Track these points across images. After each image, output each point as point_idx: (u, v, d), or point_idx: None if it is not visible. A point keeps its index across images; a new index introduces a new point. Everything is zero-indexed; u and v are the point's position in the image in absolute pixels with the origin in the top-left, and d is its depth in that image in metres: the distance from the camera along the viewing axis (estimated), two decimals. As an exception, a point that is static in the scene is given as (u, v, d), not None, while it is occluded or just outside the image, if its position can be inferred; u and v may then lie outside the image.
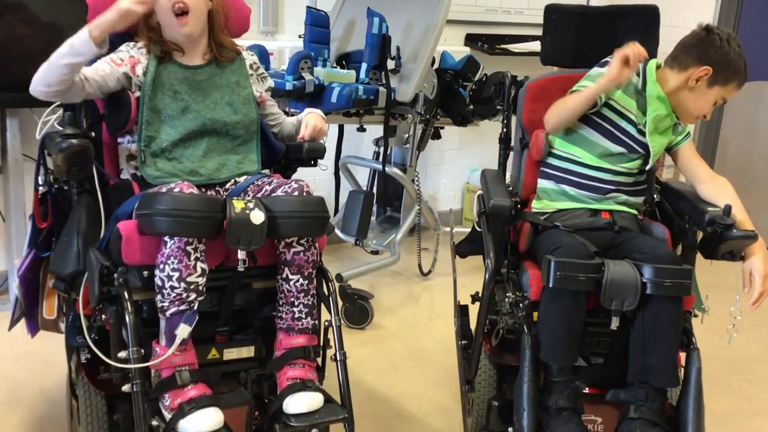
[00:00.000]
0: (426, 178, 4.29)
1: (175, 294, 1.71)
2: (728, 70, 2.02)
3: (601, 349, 1.96)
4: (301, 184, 1.87)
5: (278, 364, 1.87)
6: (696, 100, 2.07)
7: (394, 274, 3.65)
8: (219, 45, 2.02)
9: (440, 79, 3.30)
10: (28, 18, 2.72)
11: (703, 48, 2.02)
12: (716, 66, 2.01)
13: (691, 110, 2.09)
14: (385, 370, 2.74)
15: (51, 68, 1.76)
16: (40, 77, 1.78)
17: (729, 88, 2.05)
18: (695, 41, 2.04)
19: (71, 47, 1.76)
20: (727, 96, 2.08)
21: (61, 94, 1.81)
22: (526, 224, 2.09)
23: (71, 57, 1.75)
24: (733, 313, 1.93)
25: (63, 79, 1.77)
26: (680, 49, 2.08)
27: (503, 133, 2.40)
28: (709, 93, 2.05)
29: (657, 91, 2.07)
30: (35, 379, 2.54)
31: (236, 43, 2.09)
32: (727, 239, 1.90)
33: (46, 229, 2.00)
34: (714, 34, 2.02)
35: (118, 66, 1.91)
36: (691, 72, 2.03)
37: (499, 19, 4.30)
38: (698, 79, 2.03)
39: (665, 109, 2.07)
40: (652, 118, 2.06)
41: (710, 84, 2.04)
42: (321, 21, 3.14)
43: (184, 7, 1.90)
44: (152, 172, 1.91)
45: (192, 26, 1.93)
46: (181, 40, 1.95)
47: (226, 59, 2.03)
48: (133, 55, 1.94)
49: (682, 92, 2.07)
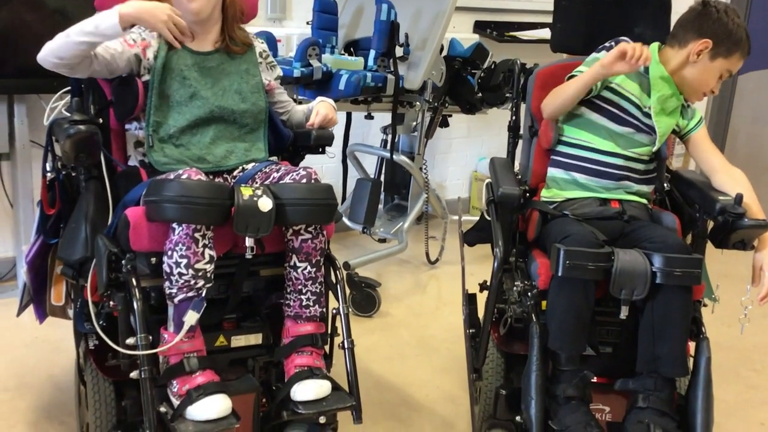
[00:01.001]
0: (434, 166, 4.28)
1: (183, 280, 1.70)
2: (729, 40, 2.00)
3: (610, 339, 1.95)
4: (309, 171, 1.86)
5: (286, 351, 1.87)
6: (700, 75, 2.05)
7: (402, 262, 3.65)
8: (231, 37, 2.01)
9: (449, 67, 3.28)
10: (35, 4, 2.71)
11: (701, 21, 2.01)
12: (716, 38, 1.99)
13: (697, 86, 2.07)
14: (392, 358, 2.74)
15: (68, 42, 1.75)
16: (53, 49, 1.77)
17: (732, 59, 2.03)
18: (692, 16, 2.04)
19: (96, 27, 1.74)
20: (731, 68, 2.06)
21: (69, 68, 1.80)
22: (535, 213, 2.08)
23: (93, 36, 1.75)
24: (744, 303, 1.92)
25: (78, 54, 1.77)
26: (678, 26, 2.07)
27: (512, 121, 2.39)
28: (712, 66, 2.03)
29: (660, 71, 2.05)
30: (43, 365, 2.55)
31: (248, 34, 2.07)
32: (738, 228, 1.88)
33: (54, 215, 2.00)
34: (710, 7, 2.01)
35: (130, 47, 1.89)
36: (691, 47, 2.02)
37: (508, 6, 4.28)
38: (699, 53, 2.01)
39: (669, 89, 2.05)
40: (656, 98, 2.04)
41: (712, 57, 2.02)
42: (329, 7, 3.12)
43: None
44: (160, 158, 1.90)
45: (201, 3, 1.90)
46: (190, 19, 1.93)
47: (238, 51, 2.02)
48: (145, 37, 1.93)
49: (685, 69, 2.05)
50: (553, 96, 2.10)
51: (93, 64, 1.82)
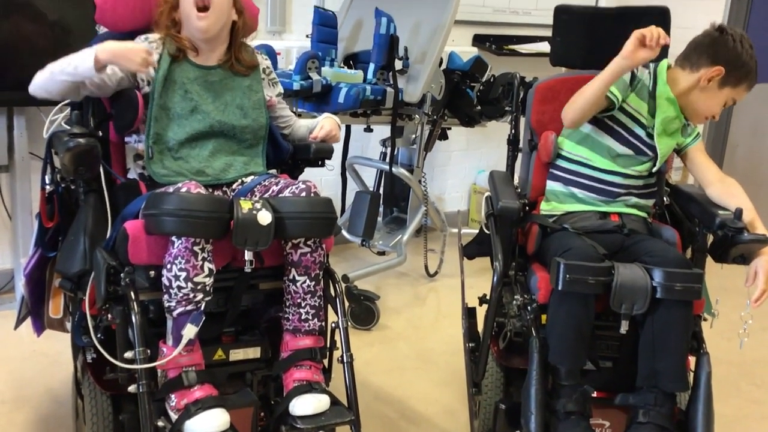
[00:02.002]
0: (433, 178, 4.28)
1: (182, 294, 1.70)
2: (740, 71, 2.00)
3: (610, 353, 1.94)
4: (309, 185, 1.86)
5: (284, 365, 1.86)
6: (706, 101, 2.05)
7: (401, 275, 3.64)
8: (237, 59, 2.01)
9: (448, 80, 3.28)
10: (36, 16, 2.71)
11: (716, 48, 2.00)
12: (728, 66, 1.99)
13: (701, 110, 2.08)
14: (391, 371, 2.73)
15: (52, 79, 1.83)
16: (40, 84, 1.85)
17: (740, 89, 2.03)
18: (708, 41, 2.03)
19: (75, 68, 1.80)
20: (737, 97, 2.06)
21: (60, 97, 1.89)
22: (534, 226, 2.08)
23: (73, 77, 1.81)
24: (744, 317, 1.91)
25: (63, 89, 1.85)
26: (692, 48, 2.06)
27: (512, 135, 2.39)
28: (719, 93, 2.04)
29: (666, 92, 2.05)
30: (41, 378, 2.54)
31: (254, 53, 2.08)
32: (738, 243, 1.88)
33: (53, 228, 1.99)
34: (727, 35, 2.00)
35: None
36: (703, 72, 2.02)
37: (507, 19, 4.29)
38: (710, 80, 2.01)
39: (674, 111, 2.06)
40: (660, 120, 2.05)
41: (721, 84, 2.02)
42: (329, 21, 3.13)
43: (207, 1, 1.89)
44: (159, 170, 1.90)
45: (210, 22, 1.91)
46: (197, 36, 1.93)
47: (242, 72, 2.02)
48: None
49: (693, 92, 2.05)
50: (572, 101, 2.05)
51: (81, 92, 1.87)
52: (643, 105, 2.07)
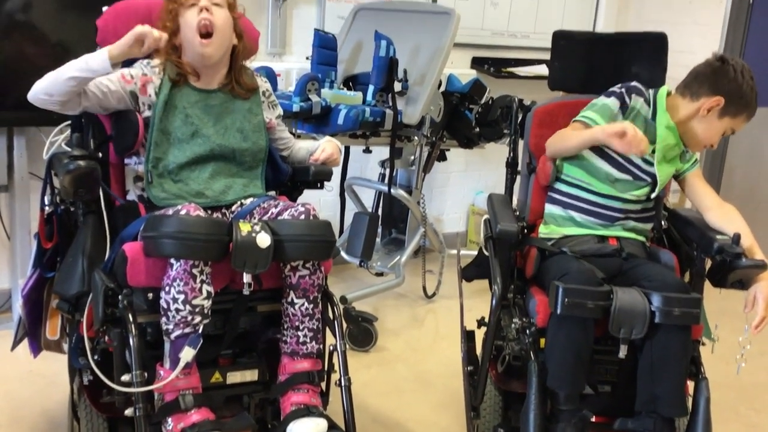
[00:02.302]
0: (431, 199, 4.28)
1: (180, 316, 1.70)
2: (740, 102, 2.01)
3: (609, 377, 1.94)
4: (308, 207, 1.86)
5: (282, 388, 1.86)
6: (705, 130, 2.06)
7: (399, 296, 3.63)
8: (238, 82, 2.02)
9: (446, 102, 3.30)
10: (37, 37, 2.72)
11: (716, 78, 2.01)
12: (728, 97, 2.00)
13: (700, 139, 2.09)
14: (389, 393, 2.72)
15: (58, 79, 1.78)
16: (43, 86, 1.80)
17: (739, 119, 2.04)
18: (709, 71, 2.03)
19: (86, 63, 1.78)
20: (736, 127, 2.07)
21: (59, 104, 1.82)
22: (533, 249, 2.08)
23: (83, 72, 1.77)
24: (742, 342, 1.91)
25: (67, 91, 1.79)
26: (693, 77, 2.07)
27: (510, 158, 2.40)
28: (719, 123, 2.05)
29: (666, 120, 2.06)
30: (37, 399, 2.52)
31: (254, 76, 2.09)
32: (736, 268, 1.88)
33: (51, 249, 2.00)
34: (728, 65, 2.01)
35: (127, 83, 1.90)
36: (702, 102, 2.03)
37: (506, 42, 4.32)
38: (709, 110, 2.02)
39: (674, 139, 2.07)
40: (661, 148, 2.05)
41: (721, 115, 2.03)
42: (329, 43, 3.15)
43: (210, 27, 1.90)
44: (158, 194, 1.90)
45: (213, 48, 1.91)
46: (199, 62, 1.94)
47: (242, 95, 2.03)
48: (146, 73, 1.93)
49: (692, 121, 2.06)
50: (557, 140, 2.10)
51: (83, 101, 1.84)
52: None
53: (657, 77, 2.18)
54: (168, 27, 1.92)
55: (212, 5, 1.91)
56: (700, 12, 4.41)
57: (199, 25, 1.89)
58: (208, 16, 1.89)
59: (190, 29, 1.90)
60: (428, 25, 3.24)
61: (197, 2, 1.90)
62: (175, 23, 1.92)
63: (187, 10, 1.91)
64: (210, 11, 1.90)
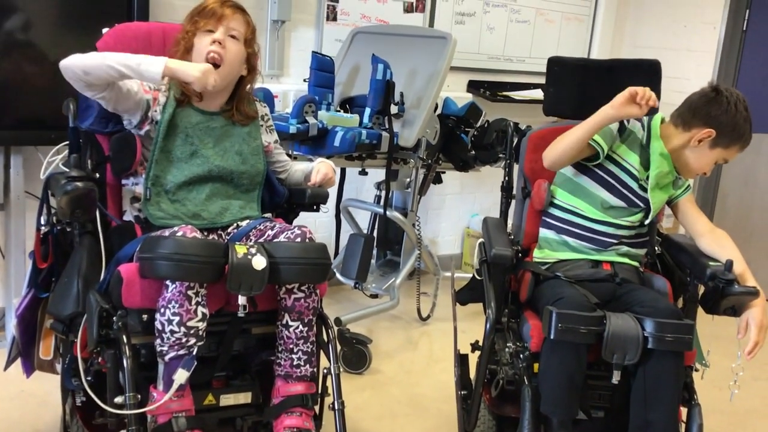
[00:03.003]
0: (426, 222, 4.30)
1: (174, 338, 1.70)
2: (732, 133, 2.02)
3: (602, 403, 1.94)
4: (304, 230, 1.86)
5: (275, 411, 1.85)
6: (697, 160, 2.08)
7: (393, 318, 3.63)
8: (238, 109, 2.03)
9: (442, 125, 3.32)
10: (35, 56, 2.73)
11: (709, 110, 2.02)
12: (720, 129, 2.01)
13: (692, 168, 2.10)
14: (382, 417, 2.71)
15: (102, 64, 1.76)
16: (83, 63, 1.76)
17: (731, 150, 2.05)
18: (702, 102, 2.04)
19: (138, 65, 1.76)
20: (728, 157, 2.08)
21: (87, 84, 1.79)
22: (527, 274, 2.09)
23: (131, 71, 1.76)
24: (735, 369, 1.91)
25: (105, 77, 1.77)
26: (686, 107, 2.08)
27: (505, 182, 2.42)
28: (710, 153, 2.06)
29: (660, 147, 2.08)
30: (28, 419, 2.50)
31: (256, 105, 2.10)
32: (728, 295, 1.89)
33: (46, 269, 2.00)
34: (722, 96, 2.01)
35: (145, 92, 1.92)
36: (694, 133, 2.04)
37: (502, 66, 4.35)
38: (700, 140, 2.04)
39: (668, 166, 2.08)
40: (655, 175, 2.07)
41: (712, 146, 2.04)
42: (326, 66, 3.17)
43: (218, 60, 1.91)
44: (155, 212, 1.91)
45: (218, 78, 1.89)
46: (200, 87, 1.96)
47: (241, 122, 2.04)
48: (158, 88, 1.95)
49: (684, 150, 2.08)
50: (554, 143, 2.09)
51: (108, 91, 1.82)
52: (634, 156, 2.09)
53: (649, 112, 2.19)
54: (182, 45, 1.95)
55: (228, 37, 1.93)
56: (694, 38, 4.46)
57: (208, 55, 1.91)
58: (219, 50, 1.91)
59: (200, 56, 1.92)
60: (425, 49, 3.28)
61: (214, 31, 1.93)
62: (190, 43, 1.95)
63: (203, 36, 1.93)
64: (223, 44, 1.92)
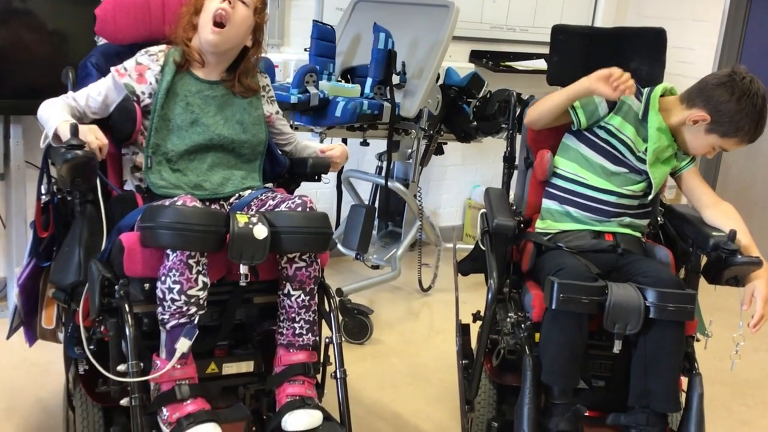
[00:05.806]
0: (428, 193, 4.29)
1: (175, 307, 1.70)
2: (728, 125, 1.97)
3: (603, 372, 1.95)
4: (305, 199, 1.86)
5: (278, 380, 1.86)
6: (692, 141, 2.05)
7: (394, 289, 3.64)
8: (240, 81, 2.02)
9: (444, 95, 3.30)
10: (34, 25, 2.71)
11: (712, 93, 1.97)
12: (717, 116, 1.97)
13: (689, 147, 2.08)
14: (383, 386, 2.73)
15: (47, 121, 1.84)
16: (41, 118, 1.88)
17: (728, 141, 2.01)
18: (711, 84, 1.98)
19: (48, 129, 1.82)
20: (726, 147, 2.04)
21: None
22: (529, 244, 2.08)
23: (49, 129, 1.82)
24: (736, 339, 1.92)
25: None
26: (697, 84, 2.03)
27: (508, 152, 2.40)
28: (706, 138, 2.03)
29: (658, 121, 2.05)
30: (31, 388, 2.52)
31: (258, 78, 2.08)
32: (731, 265, 1.89)
33: (48, 238, 1.99)
34: (735, 84, 1.94)
35: (120, 76, 1.92)
36: (693, 112, 2.00)
37: (504, 36, 4.31)
38: (695, 122, 2.01)
39: (666, 140, 2.06)
40: (652, 150, 2.05)
41: (708, 131, 2.01)
42: (327, 35, 3.14)
43: (225, 18, 1.90)
44: (157, 181, 1.90)
45: (221, 39, 1.91)
46: (205, 48, 1.95)
47: (241, 94, 2.03)
48: (141, 62, 1.94)
49: (683, 128, 2.05)
50: (538, 104, 2.11)
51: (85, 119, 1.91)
52: (630, 128, 2.06)
53: (656, 72, 2.18)
54: (192, 3, 1.95)
55: (238, 1, 1.92)
56: (699, 7, 4.42)
57: (215, 12, 1.89)
58: (227, 8, 1.90)
59: (207, 14, 1.91)
60: (427, 18, 3.24)
61: None
62: (200, 3, 1.94)
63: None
64: (232, 4, 1.90)
